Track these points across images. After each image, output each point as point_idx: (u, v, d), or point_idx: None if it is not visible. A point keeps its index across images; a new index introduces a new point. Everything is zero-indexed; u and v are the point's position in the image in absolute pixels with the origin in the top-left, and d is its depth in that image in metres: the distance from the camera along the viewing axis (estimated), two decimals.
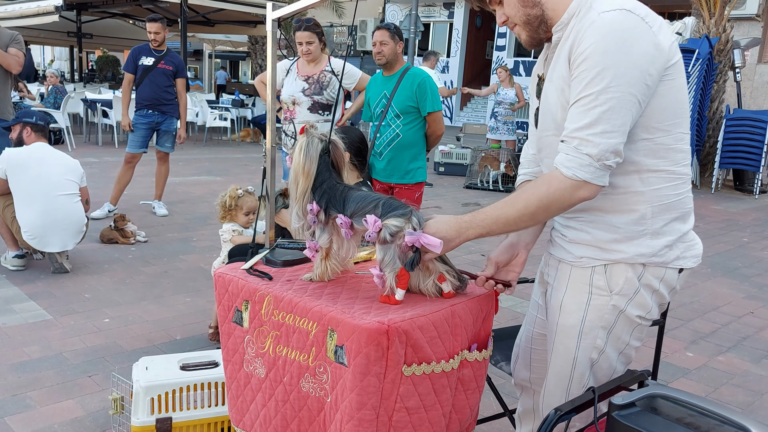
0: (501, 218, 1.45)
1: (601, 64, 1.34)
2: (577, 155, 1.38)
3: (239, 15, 14.01)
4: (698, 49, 9.77)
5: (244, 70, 33.28)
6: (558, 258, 1.64)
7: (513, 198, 1.47)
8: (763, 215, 8.33)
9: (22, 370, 2.96)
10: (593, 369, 1.60)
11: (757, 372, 3.40)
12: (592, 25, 1.38)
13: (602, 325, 1.55)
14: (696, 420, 1.19)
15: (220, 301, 1.76)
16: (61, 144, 10.53)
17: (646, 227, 1.49)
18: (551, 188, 1.41)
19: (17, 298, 3.84)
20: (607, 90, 1.34)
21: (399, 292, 1.51)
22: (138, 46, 6.00)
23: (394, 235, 1.48)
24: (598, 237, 1.52)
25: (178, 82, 6.07)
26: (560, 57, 1.48)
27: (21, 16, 11.80)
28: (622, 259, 1.50)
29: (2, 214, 4.26)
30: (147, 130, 6.00)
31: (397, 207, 1.51)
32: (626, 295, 1.52)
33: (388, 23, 3.89)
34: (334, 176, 1.63)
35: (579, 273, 1.57)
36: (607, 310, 1.54)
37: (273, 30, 1.83)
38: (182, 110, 6.16)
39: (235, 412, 1.80)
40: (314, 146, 1.60)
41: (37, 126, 4.41)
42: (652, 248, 1.49)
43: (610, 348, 1.58)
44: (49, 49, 31.09)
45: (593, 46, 1.36)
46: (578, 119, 1.38)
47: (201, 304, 3.89)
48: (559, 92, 1.48)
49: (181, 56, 6.28)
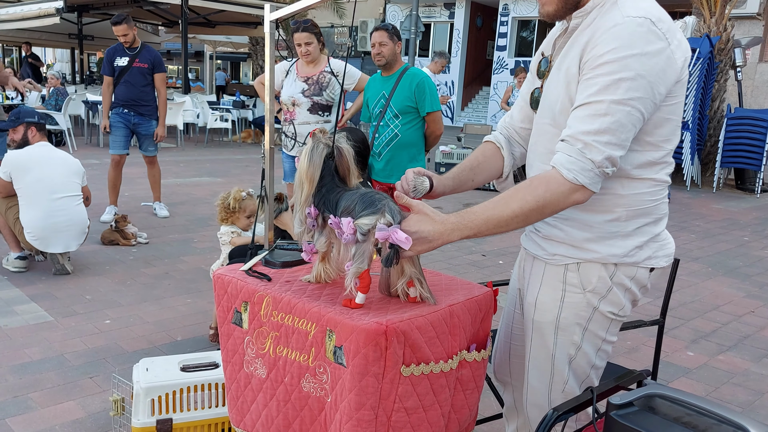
0: (492, 219, 1.40)
1: (618, 73, 1.33)
2: (580, 158, 1.36)
3: (239, 16, 14.02)
4: (699, 49, 9.76)
5: (245, 71, 33.30)
6: (532, 254, 1.65)
7: (506, 198, 1.41)
8: (764, 214, 8.33)
9: (23, 371, 2.97)
10: (572, 365, 1.62)
11: (757, 371, 3.40)
12: (615, 28, 1.35)
13: (577, 321, 1.57)
14: (694, 419, 1.19)
15: (220, 302, 1.77)
16: (62, 146, 10.55)
17: (619, 229, 1.50)
18: (549, 189, 1.38)
19: (18, 300, 3.85)
20: (620, 101, 1.34)
21: (360, 296, 1.47)
22: (111, 47, 5.83)
23: (367, 234, 1.43)
24: (572, 235, 1.53)
25: (156, 78, 5.87)
26: (573, 48, 1.45)
27: (22, 18, 11.83)
28: (595, 258, 1.51)
29: (5, 216, 4.28)
30: (125, 129, 5.82)
31: (373, 203, 1.45)
32: (599, 293, 1.53)
33: (386, 23, 3.89)
34: (336, 181, 1.59)
35: (553, 270, 1.58)
36: (581, 307, 1.55)
37: (271, 31, 1.84)
38: (161, 107, 5.93)
39: (235, 413, 1.80)
40: (319, 152, 1.58)
41: (40, 125, 4.43)
42: (624, 249, 1.50)
43: (586, 344, 1.59)
44: (50, 51, 31.14)
45: (613, 52, 1.34)
46: (587, 123, 1.36)
47: (202, 306, 3.90)
48: (564, 86, 1.46)
49: (158, 55, 5.94)
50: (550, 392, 1.66)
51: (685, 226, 7.26)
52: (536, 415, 1.73)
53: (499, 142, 1.77)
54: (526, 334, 1.69)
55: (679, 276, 5.11)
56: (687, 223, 7.44)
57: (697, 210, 8.34)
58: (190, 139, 13.35)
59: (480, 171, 1.75)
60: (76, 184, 4.32)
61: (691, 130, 9.79)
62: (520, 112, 1.77)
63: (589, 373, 1.65)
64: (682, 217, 7.75)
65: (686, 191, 9.86)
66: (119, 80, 5.76)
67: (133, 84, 5.74)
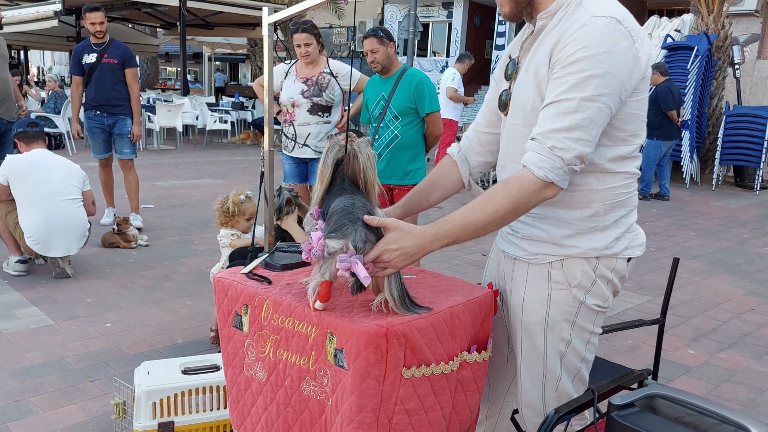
0: (470, 225, 1.43)
1: (587, 71, 1.37)
2: (550, 157, 1.39)
3: (238, 17, 14.02)
4: (697, 46, 9.77)
5: (244, 73, 33.31)
6: (513, 256, 1.67)
7: (481, 202, 1.44)
8: (764, 211, 8.33)
9: (25, 375, 2.97)
10: (563, 362, 1.64)
11: (758, 369, 3.40)
12: (583, 29, 1.39)
13: (565, 317, 1.59)
14: (695, 419, 1.19)
15: (220, 305, 1.77)
16: (61, 149, 10.56)
17: (597, 223, 1.54)
18: (522, 189, 1.41)
19: (19, 304, 3.85)
20: (590, 98, 1.37)
21: (318, 303, 1.48)
22: (78, 45, 5.47)
23: (333, 254, 1.42)
24: (552, 233, 1.56)
25: (128, 73, 5.48)
26: (541, 48, 1.49)
27: (21, 21, 11.83)
28: (577, 253, 1.55)
29: (5, 220, 4.28)
30: (102, 133, 5.56)
31: (343, 225, 1.42)
32: (584, 287, 1.57)
33: (374, 29, 3.88)
34: (345, 185, 1.54)
35: (537, 270, 1.60)
36: (568, 303, 1.58)
37: (269, 34, 1.84)
38: (134, 104, 5.56)
39: (236, 416, 1.81)
40: (333, 153, 1.58)
41: (25, 134, 4.37)
42: (604, 241, 1.55)
43: (576, 339, 1.62)
44: (48, 53, 31.15)
45: (582, 51, 1.38)
46: (557, 121, 1.40)
47: (202, 308, 3.90)
48: (535, 85, 1.49)
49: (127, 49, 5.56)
50: (544, 392, 1.68)
51: (685, 224, 7.26)
52: (530, 415, 1.74)
53: (453, 155, 1.82)
54: (515, 336, 1.70)
55: (679, 274, 5.11)
56: (687, 221, 7.44)
57: (697, 208, 8.34)
58: (190, 141, 13.35)
59: (433, 190, 1.80)
60: (75, 188, 4.32)
61: (689, 128, 9.80)
62: (484, 118, 1.79)
63: (580, 368, 1.66)
64: (681, 215, 7.75)
65: (686, 189, 9.86)
66: (89, 79, 5.40)
67: (103, 82, 5.38)
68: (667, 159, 8.91)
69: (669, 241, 6.33)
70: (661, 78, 8.60)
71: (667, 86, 8.48)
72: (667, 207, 8.30)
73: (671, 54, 10.17)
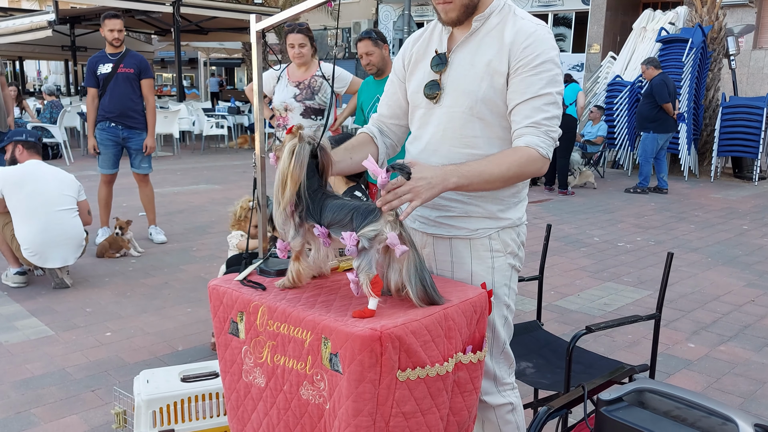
0: (485, 173, 1.63)
1: (554, 70, 1.67)
2: (549, 139, 1.68)
3: (231, 22, 14.02)
4: (691, 39, 9.77)
5: (240, 77, 33.30)
6: (448, 236, 1.83)
7: (497, 159, 1.66)
8: (763, 202, 8.33)
9: (26, 387, 2.98)
10: (505, 326, 1.85)
11: (759, 361, 3.40)
12: (536, 34, 1.66)
13: (504, 282, 1.83)
14: (683, 413, 1.20)
15: (216, 313, 1.77)
16: (58, 158, 10.56)
17: (518, 198, 1.84)
18: (530, 161, 1.66)
19: (19, 315, 3.85)
20: (559, 92, 1.69)
21: (372, 301, 1.48)
22: (93, 56, 5.33)
23: (373, 239, 1.49)
24: (489, 209, 1.79)
25: (144, 85, 5.36)
26: (488, 46, 1.69)
27: (15, 32, 11.83)
28: (508, 224, 1.82)
29: (2, 232, 4.28)
30: (114, 147, 5.35)
31: (369, 213, 1.52)
32: (513, 252, 1.84)
33: (368, 31, 3.90)
34: (318, 181, 1.62)
35: (479, 243, 1.81)
36: (505, 268, 1.83)
37: (258, 41, 1.84)
38: (150, 116, 5.43)
39: (235, 423, 1.81)
40: (305, 151, 1.59)
41: (28, 143, 4.41)
42: (520, 212, 1.85)
43: (511, 301, 1.86)
44: (44, 63, 31.15)
45: (545, 53, 1.65)
46: (545, 111, 1.67)
47: (202, 315, 3.91)
48: (488, 78, 1.69)
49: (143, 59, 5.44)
50: (492, 357, 1.85)
51: (684, 216, 7.27)
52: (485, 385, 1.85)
53: (372, 133, 1.94)
54: None
55: (678, 267, 5.11)
56: (686, 213, 7.44)
57: (696, 200, 8.34)
58: (187, 146, 13.35)
59: (356, 152, 1.87)
60: (70, 198, 4.32)
61: (686, 120, 9.80)
62: (388, 110, 1.96)
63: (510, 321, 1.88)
64: (680, 208, 7.76)
65: (684, 181, 9.87)
66: (104, 90, 5.26)
67: (118, 93, 5.24)
68: (664, 152, 8.91)
69: (668, 235, 6.33)
70: (654, 72, 8.61)
71: (662, 79, 8.49)
72: (665, 200, 8.30)
73: (666, 47, 10.17)
